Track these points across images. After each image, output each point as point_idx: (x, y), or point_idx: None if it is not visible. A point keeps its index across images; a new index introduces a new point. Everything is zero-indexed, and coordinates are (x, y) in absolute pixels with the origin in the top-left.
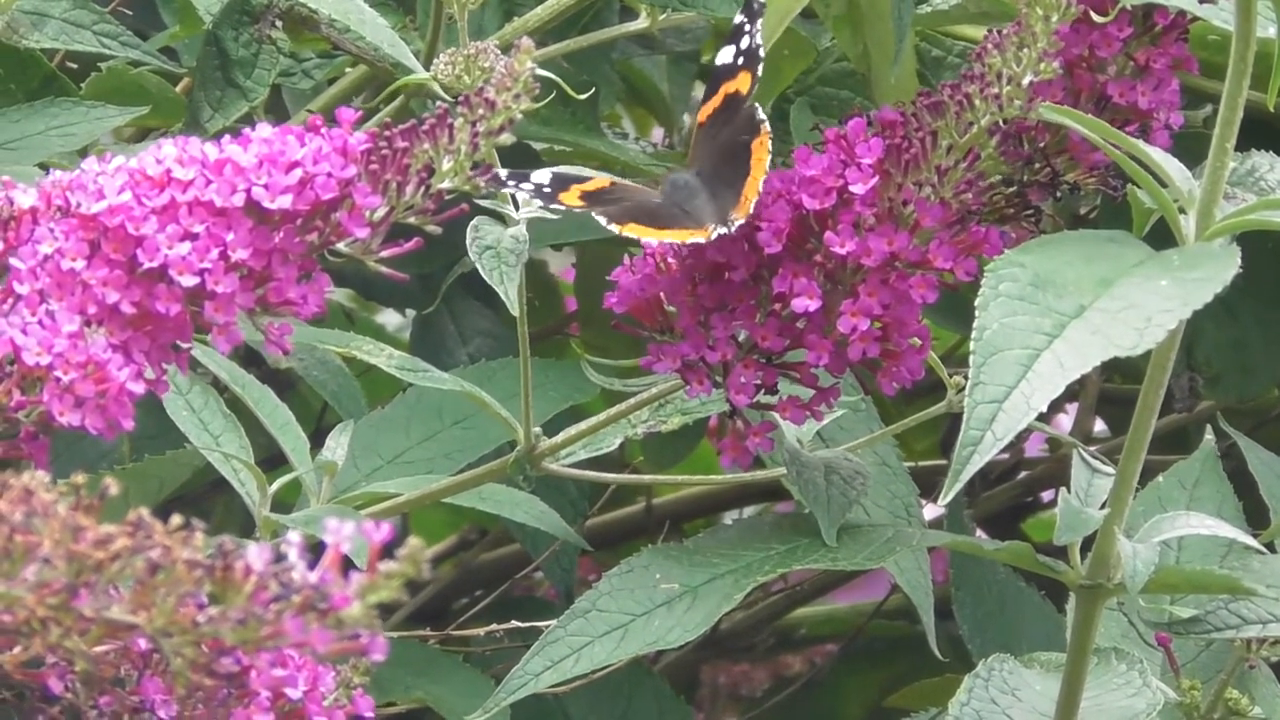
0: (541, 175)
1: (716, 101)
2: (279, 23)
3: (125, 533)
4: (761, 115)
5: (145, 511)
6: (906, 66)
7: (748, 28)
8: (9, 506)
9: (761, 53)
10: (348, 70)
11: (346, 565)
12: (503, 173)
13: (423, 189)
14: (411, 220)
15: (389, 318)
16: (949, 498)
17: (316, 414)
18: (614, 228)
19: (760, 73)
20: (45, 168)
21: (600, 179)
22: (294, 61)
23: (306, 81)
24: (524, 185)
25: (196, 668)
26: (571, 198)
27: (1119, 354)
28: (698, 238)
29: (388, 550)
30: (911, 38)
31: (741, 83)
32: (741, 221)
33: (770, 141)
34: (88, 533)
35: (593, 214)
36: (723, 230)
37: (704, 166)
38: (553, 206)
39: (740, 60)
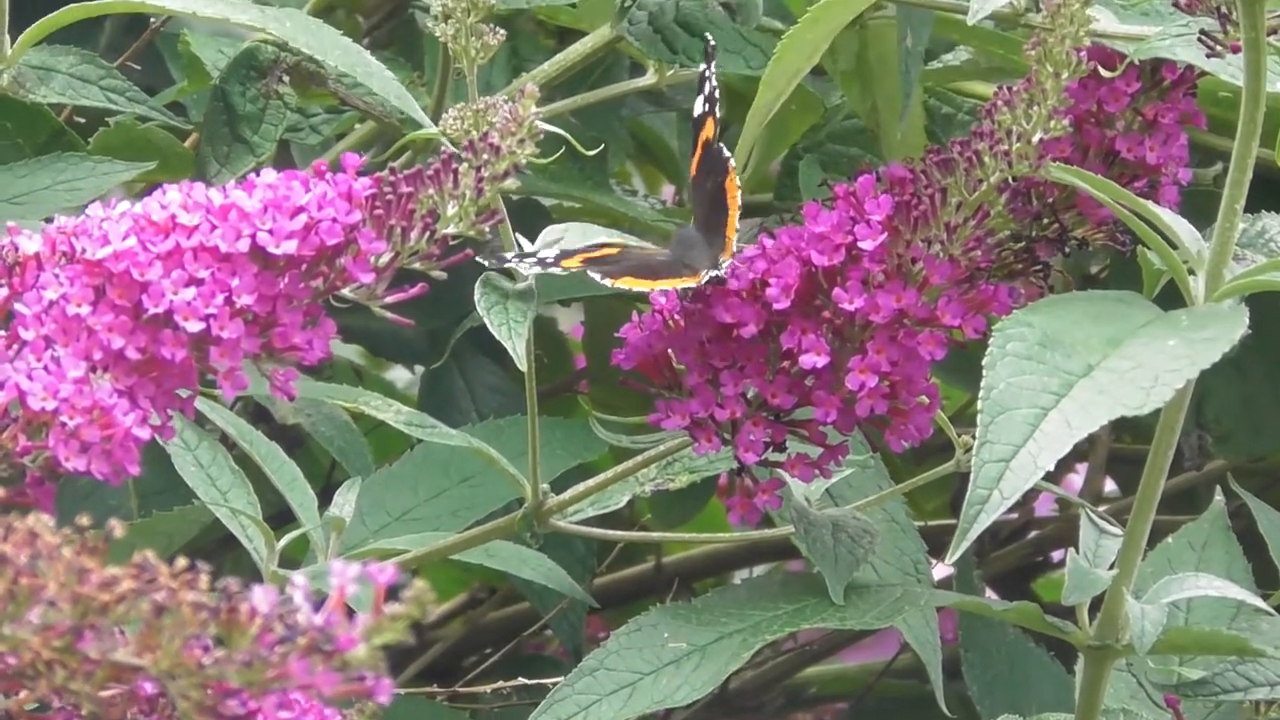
0: (548, 254)
1: (699, 153)
2: (286, 78)
3: (130, 575)
4: (727, 153)
5: (150, 554)
6: (914, 122)
7: (708, 72)
8: (14, 549)
9: (716, 94)
10: (356, 126)
11: (353, 612)
12: (509, 255)
13: (428, 234)
14: (417, 266)
15: (398, 374)
16: (956, 556)
17: (325, 471)
18: (608, 281)
19: (718, 113)
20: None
21: (610, 247)
22: (301, 117)
23: (314, 137)
24: (528, 256)
25: (202, 710)
26: (574, 262)
27: (1126, 413)
28: (688, 284)
29: (394, 597)
30: (920, 94)
31: (709, 129)
32: (729, 263)
33: (738, 177)
34: (93, 575)
35: (588, 271)
36: (713, 273)
37: (699, 217)
38: (551, 270)
39: (706, 107)
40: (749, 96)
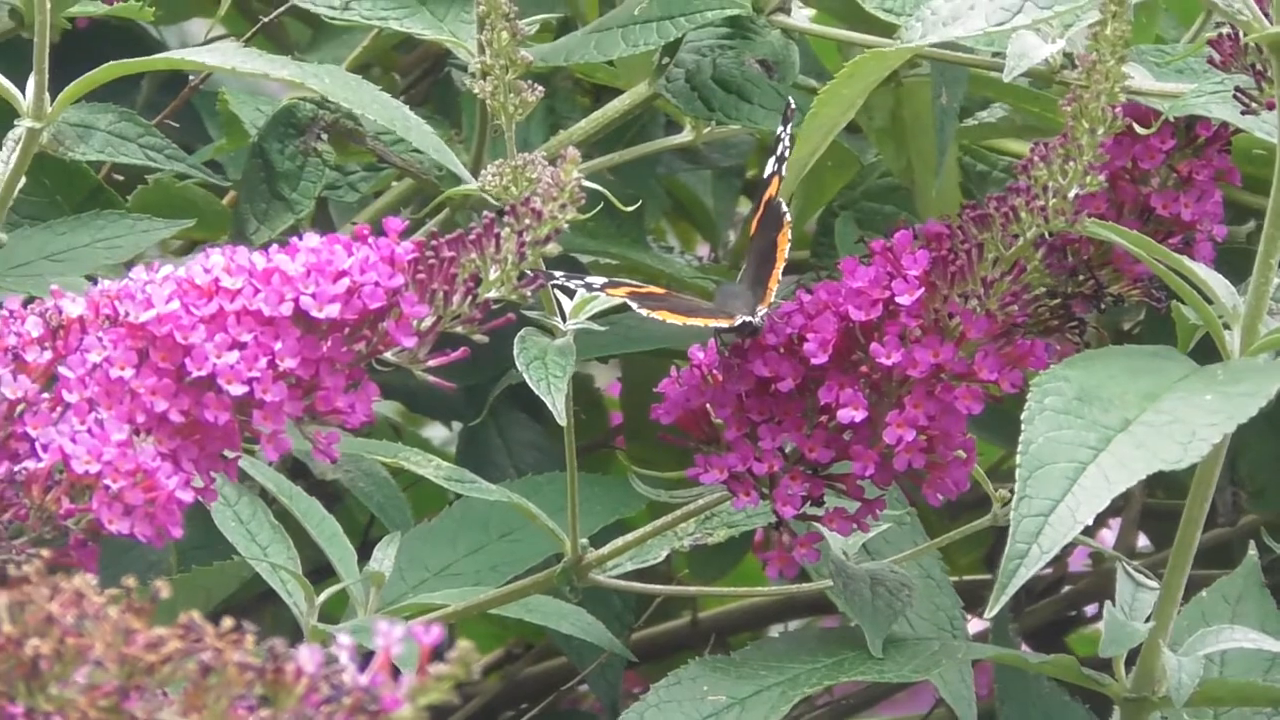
0: (597, 280)
1: (760, 211)
2: (324, 135)
3: (176, 635)
4: (785, 209)
5: (196, 614)
6: (949, 179)
7: (783, 135)
8: (60, 609)
9: (787, 154)
10: (394, 183)
11: (397, 671)
12: (559, 274)
13: (469, 298)
14: (458, 329)
15: (435, 431)
16: (995, 611)
17: (363, 527)
18: (644, 311)
19: (784, 171)
20: (93, 279)
21: (654, 287)
22: (339, 174)
23: (352, 194)
24: (575, 283)
25: None
26: (620, 291)
27: (1164, 468)
28: (721, 324)
29: (437, 657)
30: (955, 151)
31: (774, 187)
32: (765, 311)
33: (790, 231)
34: (139, 635)
35: (629, 302)
36: (748, 319)
37: (748, 273)
38: (596, 293)
39: (777, 167)
40: None
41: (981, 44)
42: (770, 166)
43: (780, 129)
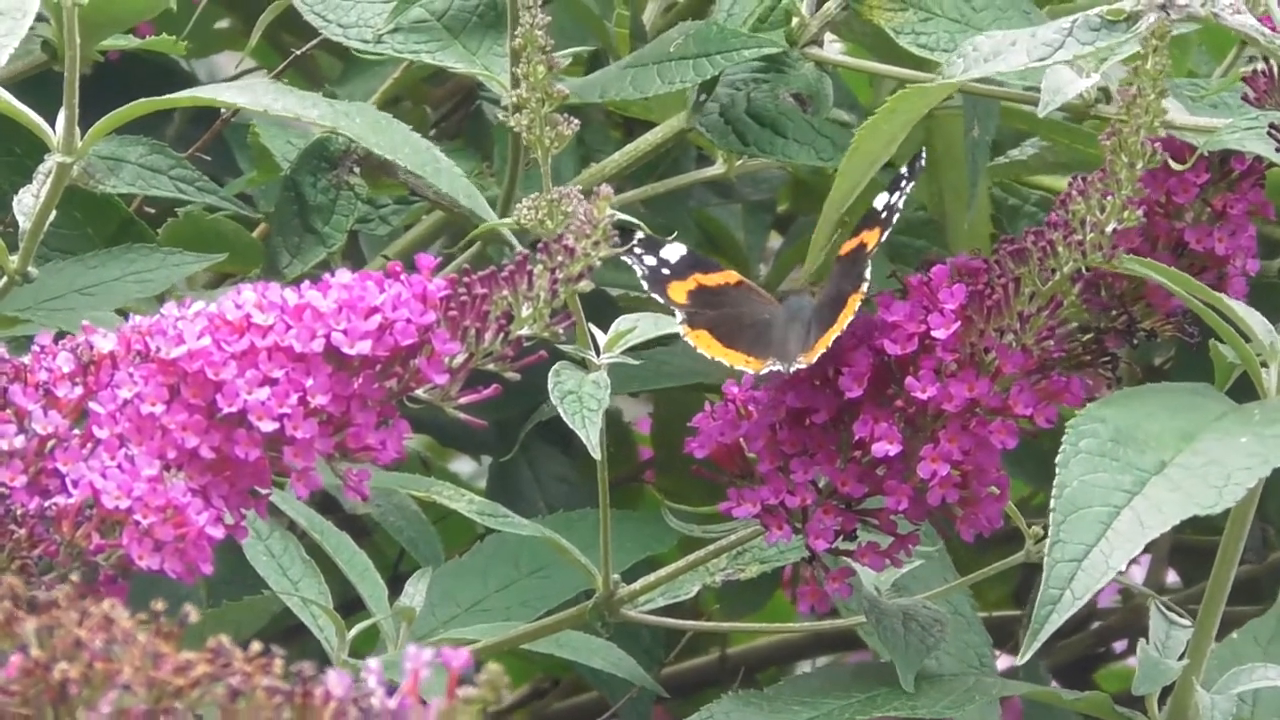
0: (671, 252)
1: (854, 243)
2: (357, 168)
3: (205, 660)
4: (866, 275)
5: (225, 638)
6: (981, 213)
7: (903, 184)
8: (89, 634)
9: (896, 210)
10: (424, 216)
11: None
12: (639, 236)
13: (502, 335)
14: (490, 367)
15: (463, 465)
16: (1028, 655)
17: (392, 561)
18: (683, 329)
19: (887, 232)
20: (124, 313)
21: (729, 274)
22: (371, 207)
23: (384, 227)
24: (647, 260)
25: None
26: (678, 292)
27: (1199, 512)
28: (750, 369)
29: (465, 684)
30: (986, 185)
31: (870, 236)
32: (802, 366)
33: (860, 301)
34: (167, 660)
35: (672, 308)
36: (778, 369)
37: (821, 295)
38: (654, 294)
39: (884, 213)
40: (817, 188)
41: (1015, 77)
42: (880, 202)
43: (903, 173)
